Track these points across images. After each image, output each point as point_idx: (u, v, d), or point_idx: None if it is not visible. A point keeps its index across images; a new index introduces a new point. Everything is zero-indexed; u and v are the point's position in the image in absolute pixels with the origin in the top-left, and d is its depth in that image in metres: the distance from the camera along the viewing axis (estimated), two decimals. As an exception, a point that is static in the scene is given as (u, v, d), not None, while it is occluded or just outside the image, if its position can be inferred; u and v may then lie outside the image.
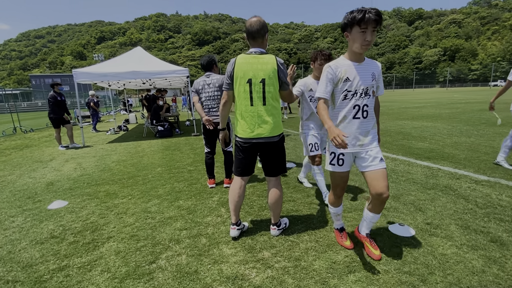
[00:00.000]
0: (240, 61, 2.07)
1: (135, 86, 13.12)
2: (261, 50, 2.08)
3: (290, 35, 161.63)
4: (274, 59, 2.05)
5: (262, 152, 2.20)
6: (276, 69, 2.04)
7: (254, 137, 2.12)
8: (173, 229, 2.52)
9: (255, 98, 2.06)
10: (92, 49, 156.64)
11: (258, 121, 2.08)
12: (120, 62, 8.48)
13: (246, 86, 2.06)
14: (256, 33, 2.05)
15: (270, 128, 2.09)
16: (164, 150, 6.37)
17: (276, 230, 2.31)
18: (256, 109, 2.08)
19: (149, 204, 3.14)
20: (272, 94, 2.07)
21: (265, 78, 2.03)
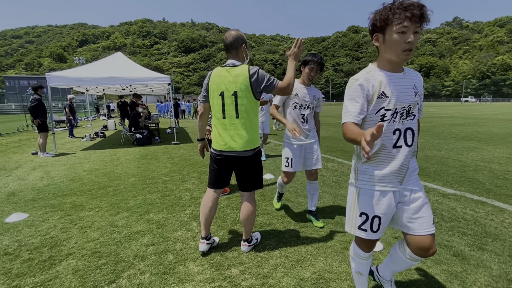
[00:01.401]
0: (215, 74, 2.09)
1: (115, 92, 12.77)
2: (233, 63, 2.07)
3: (276, 47, 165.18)
4: (246, 70, 2.00)
5: (234, 165, 2.16)
6: (248, 80, 1.99)
7: (226, 150, 2.09)
8: (140, 244, 2.40)
9: (228, 111, 2.05)
10: (73, 51, 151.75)
11: (230, 134, 2.06)
12: (98, 67, 8.24)
13: (219, 99, 2.06)
14: (229, 45, 2.07)
15: (243, 142, 2.05)
16: (140, 158, 6.17)
17: (246, 247, 2.26)
18: (228, 122, 2.06)
19: (117, 217, 2.99)
20: (246, 106, 2.03)
21: (237, 91, 2.01)
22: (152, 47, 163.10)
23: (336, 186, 3.93)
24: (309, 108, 2.63)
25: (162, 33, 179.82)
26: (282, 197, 3.27)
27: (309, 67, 2.54)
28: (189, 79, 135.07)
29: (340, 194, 3.59)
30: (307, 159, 2.72)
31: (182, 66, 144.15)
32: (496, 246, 2.27)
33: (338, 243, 2.37)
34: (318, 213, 3.00)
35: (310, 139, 2.69)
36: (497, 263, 2.04)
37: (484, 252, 2.19)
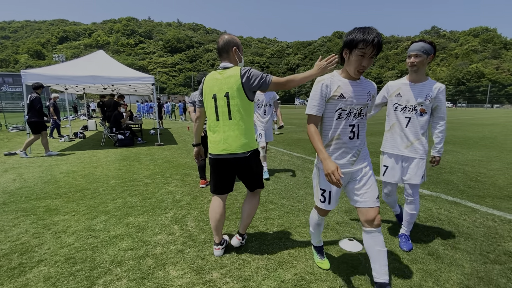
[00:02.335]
0: (208, 77, 2.11)
1: (96, 91, 12.36)
2: (225, 65, 2.07)
3: (263, 49, 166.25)
4: (238, 70, 1.99)
5: (234, 168, 2.14)
6: (239, 81, 1.97)
7: (222, 153, 2.07)
8: (117, 249, 2.32)
9: (220, 113, 2.04)
10: (52, 48, 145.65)
11: (224, 136, 2.04)
12: (79, 65, 7.95)
13: (211, 102, 2.07)
14: (221, 49, 2.11)
15: (238, 144, 2.03)
16: (121, 160, 5.99)
17: (239, 241, 2.31)
18: (221, 124, 2.05)
19: (95, 221, 2.88)
20: (238, 107, 2.00)
21: (229, 92, 1.99)
22: (136, 46, 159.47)
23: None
24: (361, 114, 1.75)
25: (148, 32, 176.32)
26: None
27: (360, 52, 1.58)
28: (175, 79, 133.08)
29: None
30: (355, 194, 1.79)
31: (167, 66, 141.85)
32: (468, 245, 2.38)
33: (319, 244, 2.40)
34: (300, 213, 3.03)
35: (358, 164, 1.78)
36: (468, 261, 2.13)
37: (457, 251, 2.28)
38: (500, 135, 10.60)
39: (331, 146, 1.76)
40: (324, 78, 1.72)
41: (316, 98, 1.71)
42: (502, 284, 1.88)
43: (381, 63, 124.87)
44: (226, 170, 2.15)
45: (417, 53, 2.16)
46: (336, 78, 1.72)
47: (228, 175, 2.18)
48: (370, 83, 1.82)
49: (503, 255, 2.21)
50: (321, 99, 1.70)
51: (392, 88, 2.38)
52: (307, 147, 7.50)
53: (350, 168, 1.76)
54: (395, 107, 2.34)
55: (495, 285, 1.87)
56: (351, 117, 1.71)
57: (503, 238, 2.49)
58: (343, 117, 1.70)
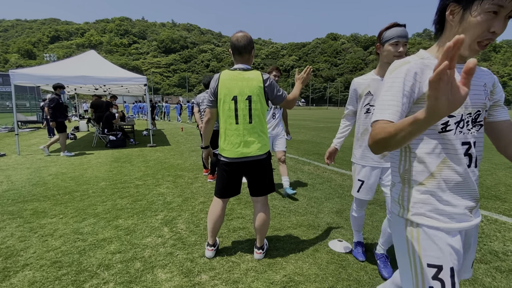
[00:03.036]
0: (225, 77, 1.97)
1: (88, 92, 12.19)
2: (246, 67, 2.00)
3: (258, 51, 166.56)
4: (260, 75, 1.98)
5: (248, 171, 2.08)
6: (261, 86, 1.96)
7: (240, 157, 2.01)
8: (105, 252, 2.29)
9: (241, 116, 1.96)
10: (44, 48, 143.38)
11: (243, 139, 1.98)
12: (69, 65, 7.83)
13: (231, 104, 1.96)
14: (243, 48, 1.96)
15: (257, 147, 2.01)
16: (113, 162, 5.91)
17: (261, 254, 2.20)
18: (241, 128, 1.98)
19: (83, 224, 2.84)
20: (259, 111, 1.98)
21: (251, 95, 1.95)
22: (130, 46, 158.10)
23: (311, 188, 4.01)
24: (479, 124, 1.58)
25: (141, 32, 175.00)
26: None
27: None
28: (169, 80, 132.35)
29: (314, 197, 3.65)
30: None
31: (161, 66, 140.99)
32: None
33: (309, 245, 2.41)
34: (291, 214, 3.04)
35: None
36: (454, 260, 2.16)
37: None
38: (489, 136, 10.82)
39: None
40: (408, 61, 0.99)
41: None
42: (487, 283, 1.91)
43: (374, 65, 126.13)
44: (239, 174, 2.10)
45: (406, 41, 1.72)
46: None
47: (239, 178, 2.13)
48: None
49: (488, 254, 2.26)
50: None
51: (360, 86, 1.94)
52: (299, 148, 7.53)
53: None
54: (366, 108, 1.91)
55: (480, 284, 1.90)
56: None
57: (489, 237, 2.54)
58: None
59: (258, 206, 2.15)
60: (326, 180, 4.42)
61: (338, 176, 4.66)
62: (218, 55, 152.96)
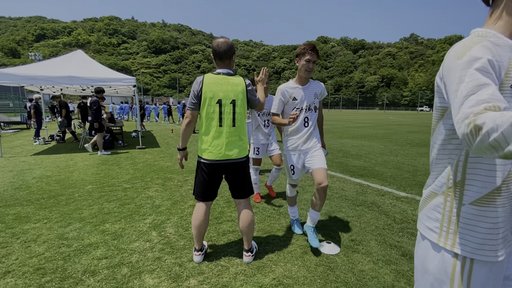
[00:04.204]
0: (209, 81, 2.02)
1: (75, 92, 11.91)
2: (228, 71, 2.10)
3: (249, 52, 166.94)
4: (243, 81, 2.12)
5: (229, 174, 2.13)
6: (245, 90, 2.10)
7: (222, 159, 2.05)
8: (91, 258, 2.24)
9: (225, 119, 2.04)
10: (28, 46, 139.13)
11: (225, 142, 2.04)
12: (55, 65, 7.63)
13: (215, 107, 2.02)
14: (223, 54, 2.05)
15: (239, 150, 2.09)
16: (100, 164, 5.79)
17: (250, 257, 2.20)
18: (225, 130, 2.05)
19: (68, 228, 2.77)
20: (242, 115, 2.10)
21: (236, 100, 2.05)
22: (119, 46, 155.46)
23: (300, 190, 4.04)
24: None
25: (131, 32, 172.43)
26: None
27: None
28: (159, 80, 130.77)
29: (303, 199, 3.69)
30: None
31: (151, 67, 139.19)
32: (438, 245, 2.49)
33: (298, 247, 2.43)
34: (281, 216, 3.06)
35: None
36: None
37: (428, 251, 2.38)
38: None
39: None
40: None
41: None
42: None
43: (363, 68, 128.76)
44: (219, 176, 2.14)
45: None
46: None
47: (218, 181, 2.16)
48: None
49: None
50: None
51: None
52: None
53: None
54: None
55: (462, 283, 1.96)
56: None
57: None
58: None
59: (241, 207, 2.20)
60: (316, 182, 4.47)
61: (328, 179, 4.71)
62: (209, 56, 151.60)
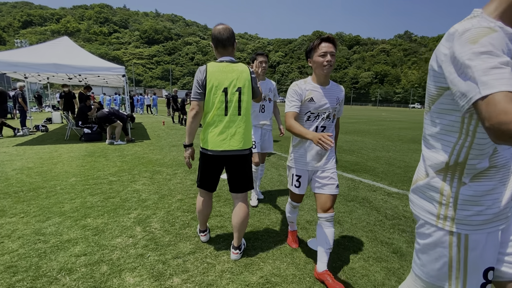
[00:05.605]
0: (213, 69, 1.94)
1: (62, 81, 11.49)
2: (231, 59, 2.02)
3: (244, 45, 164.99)
4: (248, 68, 2.03)
5: (230, 165, 2.07)
6: (250, 77, 2.02)
7: (226, 149, 1.99)
8: (69, 255, 2.11)
9: (230, 108, 1.97)
10: (15, 33, 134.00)
11: (231, 132, 1.98)
12: (40, 52, 7.30)
13: (221, 96, 1.94)
14: (226, 41, 1.97)
15: (243, 141, 2.02)
16: (86, 156, 5.59)
17: (238, 254, 2.11)
18: (230, 119, 1.98)
19: (46, 223, 2.62)
20: (247, 103, 2.02)
21: (241, 87, 1.98)
22: (110, 35, 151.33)
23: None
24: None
25: (123, 21, 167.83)
26: None
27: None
28: (152, 72, 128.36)
29: (295, 194, 3.61)
30: None
31: (144, 58, 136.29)
32: (430, 242, 2.45)
33: (287, 244, 2.35)
34: (271, 212, 2.98)
35: None
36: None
37: (419, 248, 2.34)
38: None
39: None
40: None
41: None
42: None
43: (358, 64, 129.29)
44: (221, 167, 2.09)
45: None
46: None
47: (220, 172, 2.12)
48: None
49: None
50: None
51: None
52: (283, 145, 7.50)
53: None
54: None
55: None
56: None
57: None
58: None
59: (238, 202, 2.12)
60: (308, 177, 4.41)
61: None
62: (203, 48, 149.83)
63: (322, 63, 1.74)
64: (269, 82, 3.14)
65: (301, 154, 1.95)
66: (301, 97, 1.84)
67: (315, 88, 1.85)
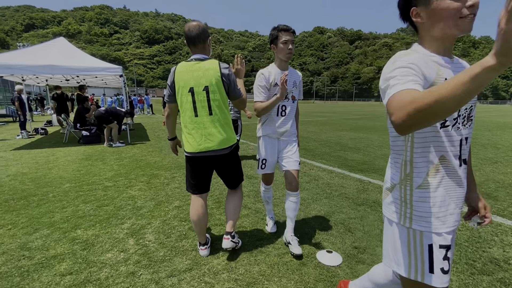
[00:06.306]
0: (180, 69, 1.89)
1: (60, 83, 11.34)
2: (203, 57, 1.93)
3: (245, 43, 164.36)
4: (217, 64, 1.88)
5: (214, 165, 2.06)
6: (219, 75, 1.87)
7: (202, 151, 1.93)
8: (53, 274, 1.91)
9: (199, 108, 1.89)
10: (17, 37, 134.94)
11: (204, 133, 1.91)
12: (35, 53, 7.13)
13: (188, 96, 1.88)
14: (195, 38, 1.87)
15: (219, 141, 1.93)
16: (83, 160, 5.41)
17: (229, 241, 2.07)
18: (201, 120, 1.90)
19: (33, 236, 2.43)
20: (219, 102, 1.90)
21: (208, 86, 1.86)
22: (111, 37, 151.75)
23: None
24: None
25: (123, 22, 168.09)
26: None
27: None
28: (153, 72, 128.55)
29: (300, 198, 3.38)
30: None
31: (145, 58, 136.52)
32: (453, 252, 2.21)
33: (294, 258, 2.13)
34: (275, 218, 2.75)
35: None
36: (455, 273, 1.95)
37: (441, 259, 2.10)
38: (471, 130, 10.98)
39: None
40: None
41: None
42: (491, 299, 1.70)
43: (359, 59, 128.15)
44: (206, 168, 2.04)
45: None
46: None
47: (208, 172, 2.08)
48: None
49: (489, 263, 2.06)
50: None
51: None
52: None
53: None
54: None
55: (484, 301, 1.69)
56: None
57: (487, 242, 2.36)
58: None
59: (231, 191, 2.22)
60: (313, 179, 4.17)
61: (326, 174, 4.42)
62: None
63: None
64: (295, 73, 2.22)
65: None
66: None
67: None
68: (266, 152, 2.24)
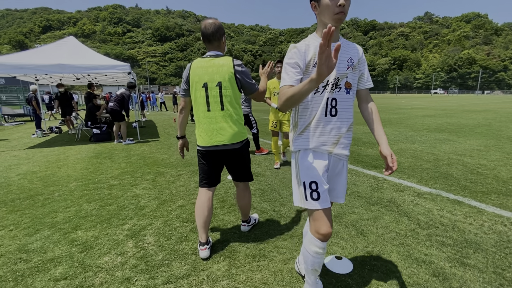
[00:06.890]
0: (195, 65, 1.96)
1: (73, 82, 11.56)
2: (217, 53, 1.99)
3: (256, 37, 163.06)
4: (230, 61, 1.94)
5: (224, 160, 2.11)
6: (232, 71, 1.92)
7: (213, 145, 1.99)
8: (47, 279, 1.85)
9: (212, 103, 1.95)
10: (35, 38, 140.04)
11: (216, 127, 1.97)
12: (45, 53, 7.22)
13: (202, 91, 1.95)
14: (211, 36, 1.94)
15: (230, 135, 1.98)
16: (92, 158, 5.44)
17: (246, 226, 2.42)
18: (213, 115, 1.96)
19: (33, 238, 2.39)
20: (230, 98, 1.96)
21: (221, 81, 1.92)
22: (124, 35, 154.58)
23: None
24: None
25: (135, 20, 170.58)
26: None
27: None
28: (165, 69, 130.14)
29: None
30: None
31: (157, 55, 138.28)
32: (479, 259, 1.98)
33: (301, 264, 1.97)
34: (281, 220, 2.59)
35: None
36: (481, 283, 1.73)
37: (466, 268, 1.88)
38: (495, 121, 10.33)
39: None
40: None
41: None
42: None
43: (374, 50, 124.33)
44: (217, 162, 2.10)
45: None
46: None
47: (218, 166, 2.13)
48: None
49: (523, 273, 1.82)
50: None
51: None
52: (296, 139, 7.04)
53: None
54: None
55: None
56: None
57: (519, 248, 2.10)
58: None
59: (240, 188, 2.25)
60: (324, 176, 3.96)
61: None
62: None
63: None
64: (351, 47, 1.41)
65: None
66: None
67: None
68: (314, 173, 1.34)
